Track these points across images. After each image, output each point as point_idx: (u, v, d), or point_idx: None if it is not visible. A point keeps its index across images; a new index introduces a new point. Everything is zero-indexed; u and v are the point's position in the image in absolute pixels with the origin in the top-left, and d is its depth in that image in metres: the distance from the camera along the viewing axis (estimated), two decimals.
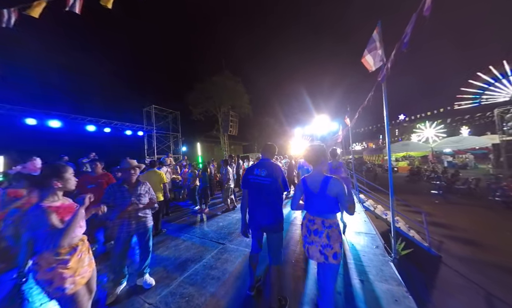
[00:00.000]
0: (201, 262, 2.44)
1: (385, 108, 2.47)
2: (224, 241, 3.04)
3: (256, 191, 1.65)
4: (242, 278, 2.07)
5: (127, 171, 1.91)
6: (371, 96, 3.51)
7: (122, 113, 11.48)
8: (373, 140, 51.32)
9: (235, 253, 2.63)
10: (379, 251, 2.55)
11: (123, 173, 1.92)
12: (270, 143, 1.88)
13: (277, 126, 26.50)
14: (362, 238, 2.97)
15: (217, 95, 16.17)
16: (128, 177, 1.91)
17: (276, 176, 1.62)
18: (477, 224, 5.86)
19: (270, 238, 1.64)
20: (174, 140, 13.76)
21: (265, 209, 1.61)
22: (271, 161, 1.76)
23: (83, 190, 2.58)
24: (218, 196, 6.68)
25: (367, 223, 3.64)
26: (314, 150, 1.47)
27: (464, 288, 3.33)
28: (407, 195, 9.19)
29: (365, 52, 2.63)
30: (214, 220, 4.20)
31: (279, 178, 1.63)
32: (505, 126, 13.16)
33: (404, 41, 1.88)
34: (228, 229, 3.55)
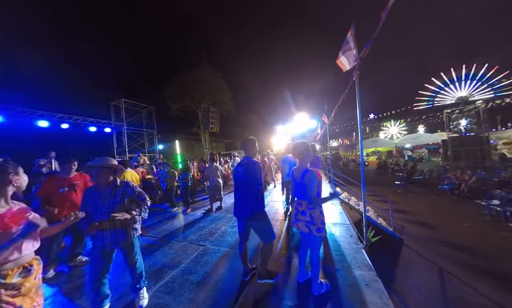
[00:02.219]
0: (180, 268, 2.29)
1: (358, 107, 2.63)
2: (205, 243, 2.92)
3: (237, 186, 1.92)
4: (224, 280, 2.01)
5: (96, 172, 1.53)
6: (345, 95, 3.72)
7: (85, 107, 10.12)
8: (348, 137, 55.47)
9: (216, 255, 2.55)
10: (353, 240, 2.75)
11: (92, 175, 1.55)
12: (249, 137, 1.98)
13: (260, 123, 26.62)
14: (338, 229, 3.16)
15: (197, 90, 15.40)
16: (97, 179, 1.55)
17: (249, 172, 1.78)
18: (430, 210, 6.82)
19: (253, 226, 1.86)
20: (149, 137, 12.74)
21: (244, 201, 1.82)
22: (250, 159, 1.88)
23: (53, 195, 2.14)
24: (199, 197, 6.42)
25: (342, 214, 3.90)
26: (299, 146, 1.82)
27: (422, 265, 3.84)
28: (375, 187, 10.20)
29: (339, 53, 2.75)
30: (194, 221, 4.02)
31: (253, 174, 1.77)
32: (451, 124, 15.46)
33: (370, 39, 2.01)
34: (210, 230, 3.42)
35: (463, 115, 14.71)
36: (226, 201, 5.31)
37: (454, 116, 15.19)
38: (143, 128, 12.15)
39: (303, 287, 1.84)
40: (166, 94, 14.91)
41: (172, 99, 14.95)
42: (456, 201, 7.55)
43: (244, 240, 1.95)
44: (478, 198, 6.80)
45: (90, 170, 1.56)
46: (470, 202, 7.10)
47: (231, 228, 3.42)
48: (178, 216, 4.51)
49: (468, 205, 6.89)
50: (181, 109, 15.56)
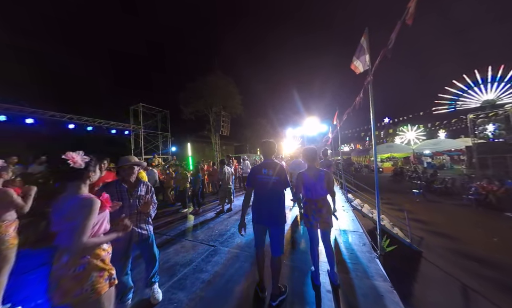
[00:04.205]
0: (191, 266, 2.37)
1: (371, 111, 2.58)
2: (215, 243, 2.98)
3: (264, 189, 1.77)
4: (234, 281, 2.05)
5: (126, 169, 1.68)
6: (359, 99, 3.66)
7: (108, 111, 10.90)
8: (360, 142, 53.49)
9: (226, 255, 2.59)
10: (366, 249, 2.65)
11: (122, 171, 1.70)
12: (268, 140, 1.94)
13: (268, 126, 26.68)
14: (350, 236, 3.07)
15: (209, 95, 15.91)
16: (126, 176, 1.68)
17: (280, 174, 1.78)
18: (453, 221, 6.33)
19: (273, 232, 1.76)
20: (163, 140, 13.32)
21: (273, 205, 1.76)
22: (275, 161, 1.90)
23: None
24: (209, 199, 6.56)
25: (354, 221, 3.77)
26: (311, 151, 2.03)
27: (443, 280, 3.57)
28: (391, 194, 9.69)
29: (353, 58, 2.75)
30: (204, 222, 4.12)
31: (283, 176, 1.79)
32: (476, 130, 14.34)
33: (388, 47, 1.98)
34: (219, 231, 3.49)
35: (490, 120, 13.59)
36: (235, 204, 5.37)
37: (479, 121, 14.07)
38: (158, 131, 12.76)
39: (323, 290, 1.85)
40: (179, 98, 15.59)
41: (185, 103, 15.58)
42: (483, 213, 6.93)
43: (261, 246, 1.83)
44: (508, 210, 6.19)
45: (122, 167, 1.69)
46: (498, 215, 6.48)
47: None
48: (189, 216, 4.64)
49: (497, 218, 6.29)
50: (193, 113, 16.13)
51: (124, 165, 1.68)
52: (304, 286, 1.93)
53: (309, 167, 2.03)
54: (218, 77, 16.43)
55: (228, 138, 19.50)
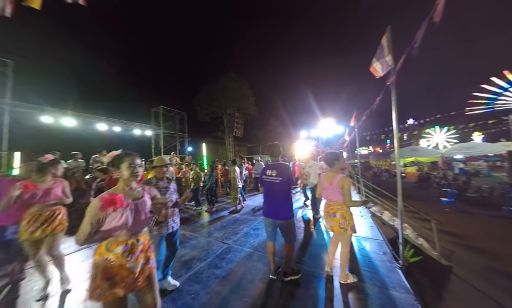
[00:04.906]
0: (206, 261, 2.47)
1: (394, 113, 2.44)
2: (229, 241, 3.06)
3: (269, 188, 2.00)
4: (248, 279, 2.09)
5: (160, 168, 1.87)
6: (379, 100, 3.48)
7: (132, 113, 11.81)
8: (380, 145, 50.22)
9: (240, 254, 2.65)
10: (386, 258, 2.50)
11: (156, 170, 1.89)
12: (273, 143, 2.13)
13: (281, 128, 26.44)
14: (369, 244, 2.91)
15: (223, 97, 16.35)
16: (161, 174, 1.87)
17: (283, 174, 1.92)
18: (490, 235, 5.62)
19: (282, 226, 1.95)
20: (180, 140, 14.00)
21: (278, 202, 1.93)
22: (280, 163, 2.04)
23: None
24: (222, 198, 6.73)
25: (373, 228, 3.57)
26: (332, 155, 2.09)
27: (477, 300, 3.20)
28: (415, 202, 8.92)
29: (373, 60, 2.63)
30: (219, 220, 4.24)
31: (286, 176, 1.92)
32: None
33: (414, 46, 1.87)
34: (233, 230, 3.57)
35: None
36: (247, 204, 5.44)
37: None
38: (176, 132, 13.46)
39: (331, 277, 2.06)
40: (195, 100, 16.26)
41: (200, 105, 16.22)
42: None
43: (272, 240, 2.04)
44: None
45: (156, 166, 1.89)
46: None
47: (253, 230, 3.49)
48: (203, 214, 4.82)
49: None
50: (208, 114, 16.70)
51: (158, 165, 1.87)
52: (317, 290, 1.90)
53: (329, 170, 2.12)
54: (232, 79, 16.81)
55: (241, 139, 19.78)
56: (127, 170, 1.17)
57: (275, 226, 2.00)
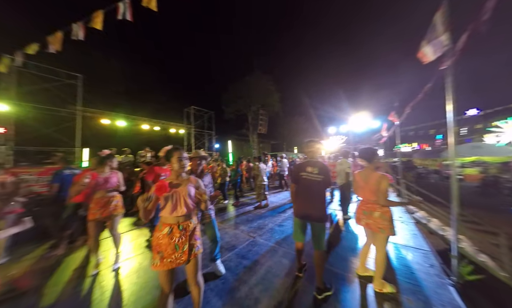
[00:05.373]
0: (234, 251, 2.62)
1: (449, 102, 2.05)
2: (255, 235, 3.16)
3: (307, 186, 1.86)
4: (273, 273, 2.13)
5: (195, 161, 1.99)
6: (428, 89, 2.97)
7: (168, 114, 13.21)
8: (428, 141, 42.79)
9: (265, 248, 2.71)
10: (434, 271, 2.17)
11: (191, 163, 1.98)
12: (313, 139, 2.00)
13: (307, 124, 25.34)
14: (411, 254, 2.57)
15: (248, 95, 16.63)
16: (195, 167, 1.99)
17: (325, 174, 1.83)
18: None
19: (315, 228, 1.82)
20: (209, 138, 14.95)
21: (315, 202, 1.82)
22: (320, 161, 1.94)
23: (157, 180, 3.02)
24: (247, 194, 6.93)
25: (417, 237, 3.13)
26: (368, 151, 1.94)
27: None
28: (477, 211, 7.33)
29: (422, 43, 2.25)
30: (244, 214, 4.41)
31: (327, 176, 1.83)
32: None
33: (482, 19, 1.52)
34: (258, 225, 3.66)
35: None
36: (271, 200, 5.46)
37: None
38: (204, 130, 14.44)
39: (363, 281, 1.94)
40: (222, 99, 17.02)
41: (226, 104, 16.91)
42: None
43: (301, 241, 1.97)
44: None
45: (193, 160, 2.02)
46: None
47: (278, 227, 3.51)
48: (229, 207, 5.08)
49: None
50: (234, 113, 17.28)
51: (194, 157, 2.02)
52: (346, 294, 1.80)
53: (365, 168, 1.97)
54: (257, 76, 16.88)
55: (265, 136, 19.84)
56: (176, 162, 1.36)
57: (306, 227, 1.92)
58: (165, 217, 1.28)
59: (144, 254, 2.66)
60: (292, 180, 2.00)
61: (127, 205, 3.91)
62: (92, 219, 2.23)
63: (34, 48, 3.97)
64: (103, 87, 14.49)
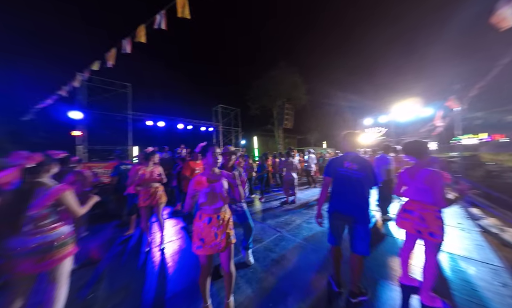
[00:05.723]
0: (262, 244, 2.70)
1: None
2: (282, 230, 3.17)
3: (345, 183, 1.66)
4: (301, 268, 2.11)
5: (225, 156, 2.12)
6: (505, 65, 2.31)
7: (199, 113, 14.28)
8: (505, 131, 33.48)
9: (293, 244, 2.69)
10: (507, 292, 1.74)
11: (223, 158, 2.06)
12: (351, 131, 1.81)
13: (337, 116, 23.34)
14: (474, 268, 2.13)
15: (273, 89, 16.36)
16: (226, 162, 2.13)
17: (367, 170, 1.64)
18: None
19: (355, 229, 1.62)
20: (235, 134, 15.50)
21: (355, 201, 1.62)
22: (361, 155, 1.75)
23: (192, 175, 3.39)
24: (273, 189, 6.94)
25: (484, 248, 2.56)
26: (416, 145, 1.67)
27: None
28: None
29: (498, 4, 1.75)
30: (270, 209, 4.45)
31: (371, 173, 1.64)
32: None
33: None
34: (285, 220, 3.65)
35: None
36: (299, 197, 5.32)
37: None
38: (231, 127, 15.03)
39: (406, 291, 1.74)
40: (247, 96, 17.25)
41: (252, 100, 17.06)
42: None
43: (338, 244, 1.75)
44: None
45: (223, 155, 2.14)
46: None
47: (306, 224, 3.41)
48: (255, 202, 5.19)
49: None
50: (259, 108, 17.32)
51: (225, 153, 2.14)
52: (387, 302, 1.63)
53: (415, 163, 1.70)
54: (282, 69, 16.40)
55: (290, 131, 19.30)
56: (211, 157, 1.47)
57: (343, 229, 1.73)
58: (205, 208, 1.42)
59: (182, 239, 3.01)
60: (326, 174, 1.81)
61: (168, 196, 4.48)
62: (143, 206, 2.64)
63: (97, 65, 4.88)
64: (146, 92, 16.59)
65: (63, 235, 1.36)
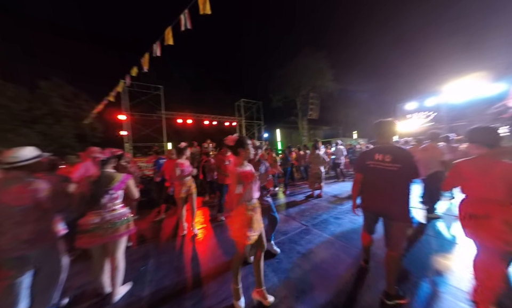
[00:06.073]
0: (287, 236, 2.69)
1: None
2: (307, 224, 3.08)
3: (377, 177, 1.57)
4: (329, 263, 2.03)
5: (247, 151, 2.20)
6: None
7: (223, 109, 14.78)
8: None
9: (319, 239, 2.59)
10: None
11: None
12: (383, 120, 1.64)
13: (372, 102, 20.84)
14: None
15: (296, 78, 15.57)
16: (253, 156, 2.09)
17: (404, 162, 1.47)
18: None
19: (390, 226, 1.52)
20: (258, 127, 15.54)
21: (389, 196, 1.51)
22: (396, 146, 1.59)
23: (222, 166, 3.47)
24: (297, 183, 6.76)
25: None
26: (490, 131, 1.35)
27: None
28: None
29: None
30: (295, 203, 4.37)
31: (409, 165, 1.47)
32: None
33: None
34: (311, 214, 3.53)
35: None
36: (326, 191, 5.06)
37: None
38: (253, 120, 15.10)
39: None
40: (269, 87, 16.90)
41: (274, 92, 16.65)
42: None
43: (370, 234, 1.79)
44: None
45: None
46: None
47: (334, 219, 3.23)
48: (279, 194, 5.16)
49: None
50: (281, 100, 16.82)
51: None
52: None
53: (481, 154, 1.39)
54: (307, 55, 15.38)
55: (316, 122, 18.20)
56: (243, 150, 1.52)
57: (377, 221, 1.69)
58: (247, 200, 1.49)
59: (212, 226, 3.25)
60: (356, 170, 1.75)
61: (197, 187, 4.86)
62: (178, 197, 2.94)
63: (135, 71, 5.49)
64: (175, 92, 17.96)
65: (126, 214, 1.70)
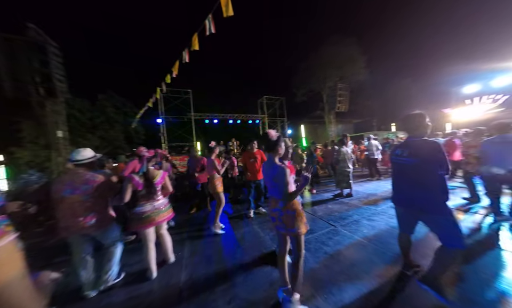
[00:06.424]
0: (313, 235, 2.62)
1: None
2: (336, 224, 2.93)
3: (399, 171, 1.66)
4: (359, 267, 1.89)
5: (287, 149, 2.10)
6: None
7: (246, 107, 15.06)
8: None
9: (349, 240, 2.44)
10: None
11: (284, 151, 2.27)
12: (410, 113, 1.59)
13: (415, 89, 17.98)
14: None
15: (322, 69, 14.57)
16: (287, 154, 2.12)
17: (421, 155, 1.45)
18: None
19: (428, 221, 1.51)
20: (281, 124, 15.28)
21: (413, 190, 1.52)
22: (418, 139, 1.53)
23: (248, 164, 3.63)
24: (325, 181, 6.43)
25: None
26: None
27: None
28: None
29: None
30: (322, 201, 4.18)
31: (427, 156, 1.43)
32: None
33: None
34: (340, 214, 3.33)
35: None
36: (357, 190, 4.67)
37: None
38: (277, 117, 14.91)
39: None
40: (293, 82, 16.31)
41: (297, 86, 16.00)
42: None
43: (407, 233, 1.72)
44: None
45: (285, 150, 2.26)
46: None
47: (367, 221, 2.97)
48: (305, 193, 5.00)
49: None
50: (306, 94, 16.05)
51: None
52: None
53: None
54: (333, 43, 14.24)
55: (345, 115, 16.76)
56: (281, 147, 1.54)
57: (411, 217, 1.62)
58: None
59: (239, 221, 3.41)
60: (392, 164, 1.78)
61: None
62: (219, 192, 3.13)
63: (168, 78, 6.10)
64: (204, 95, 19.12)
65: (166, 203, 2.10)
